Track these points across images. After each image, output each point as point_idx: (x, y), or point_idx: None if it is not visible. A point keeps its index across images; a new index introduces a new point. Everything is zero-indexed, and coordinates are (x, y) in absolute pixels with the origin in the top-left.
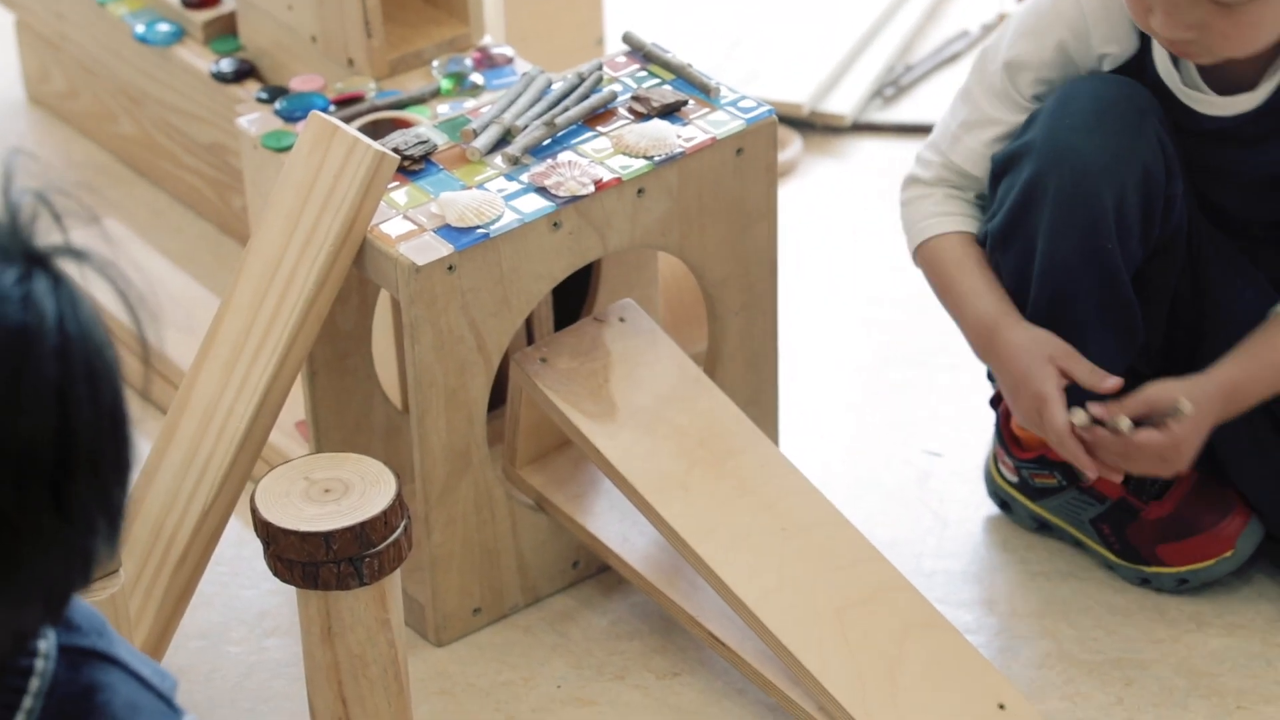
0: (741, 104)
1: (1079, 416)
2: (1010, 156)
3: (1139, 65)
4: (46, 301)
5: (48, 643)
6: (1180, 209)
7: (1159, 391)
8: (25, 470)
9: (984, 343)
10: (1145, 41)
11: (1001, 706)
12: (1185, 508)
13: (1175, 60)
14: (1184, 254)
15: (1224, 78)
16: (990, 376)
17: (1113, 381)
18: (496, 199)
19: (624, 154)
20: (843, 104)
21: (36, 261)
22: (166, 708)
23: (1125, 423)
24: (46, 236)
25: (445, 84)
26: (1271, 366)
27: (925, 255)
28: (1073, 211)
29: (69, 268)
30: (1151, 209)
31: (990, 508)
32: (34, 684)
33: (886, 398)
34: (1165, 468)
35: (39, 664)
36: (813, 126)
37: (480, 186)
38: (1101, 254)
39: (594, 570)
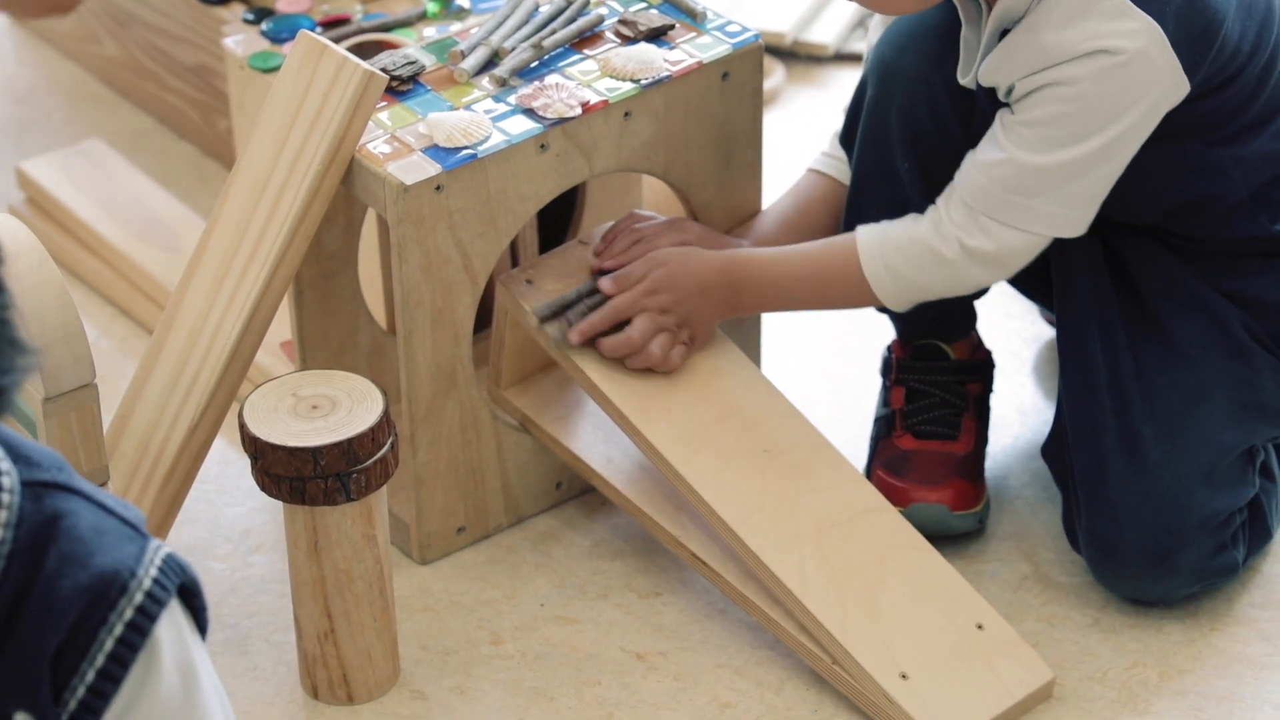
0: (728, 29)
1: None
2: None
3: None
4: None
5: (11, 478)
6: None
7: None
8: None
9: None
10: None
11: (980, 627)
12: (920, 455)
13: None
14: None
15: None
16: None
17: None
18: (484, 120)
19: (611, 77)
20: (825, 34)
21: None
22: (134, 532)
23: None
24: None
25: (431, 7)
26: (785, 276)
27: None
28: (872, 124)
29: None
30: (961, 121)
31: None
32: (1, 516)
33: (867, 323)
34: (642, 360)
35: (4, 497)
36: (795, 56)
37: (468, 108)
38: (891, 173)
39: (577, 491)
